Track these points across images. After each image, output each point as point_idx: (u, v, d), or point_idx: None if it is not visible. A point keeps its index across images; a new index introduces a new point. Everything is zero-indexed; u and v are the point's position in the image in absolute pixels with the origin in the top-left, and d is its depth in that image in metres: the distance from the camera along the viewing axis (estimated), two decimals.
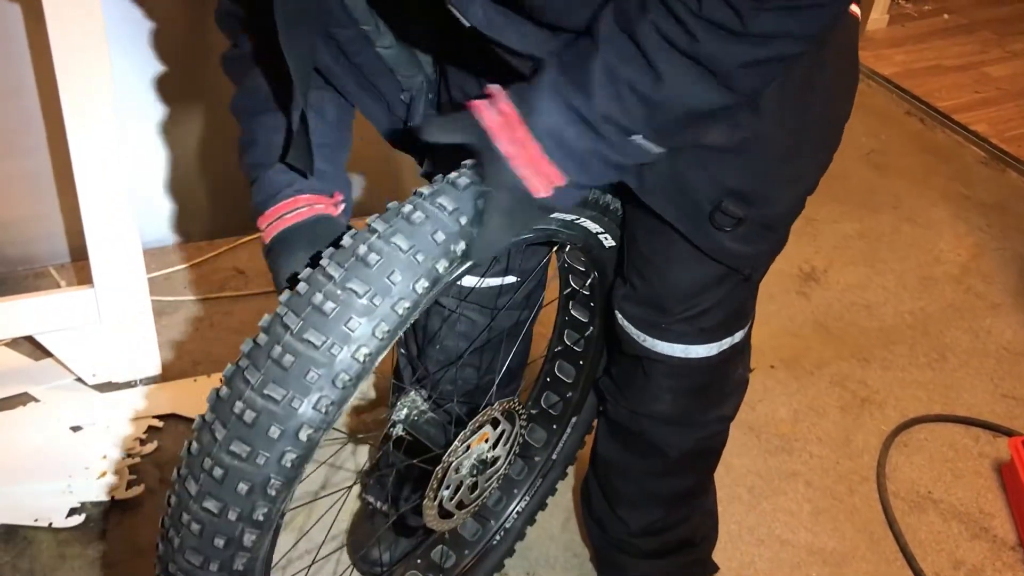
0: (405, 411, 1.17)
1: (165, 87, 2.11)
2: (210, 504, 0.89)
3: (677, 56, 0.86)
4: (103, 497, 1.69)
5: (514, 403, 1.24)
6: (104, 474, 1.72)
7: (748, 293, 1.28)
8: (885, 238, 2.61)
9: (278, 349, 0.88)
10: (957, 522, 1.81)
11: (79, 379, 1.90)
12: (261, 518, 0.90)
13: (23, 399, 1.86)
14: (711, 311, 1.23)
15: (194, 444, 0.91)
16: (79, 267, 2.20)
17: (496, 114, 0.92)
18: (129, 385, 1.92)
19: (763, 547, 1.73)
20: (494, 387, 1.39)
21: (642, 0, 0.87)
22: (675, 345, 1.26)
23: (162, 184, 2.25)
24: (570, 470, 1.63)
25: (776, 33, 0.85)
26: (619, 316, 1.29)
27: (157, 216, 2.28)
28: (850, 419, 2.02)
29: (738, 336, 1.29)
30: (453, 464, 1.17)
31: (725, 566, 1.67)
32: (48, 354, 1.89)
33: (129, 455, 1.77)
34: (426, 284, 0.91)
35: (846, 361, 2.18)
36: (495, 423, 1.23)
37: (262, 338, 0.91)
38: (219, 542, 0.91)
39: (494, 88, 0.93)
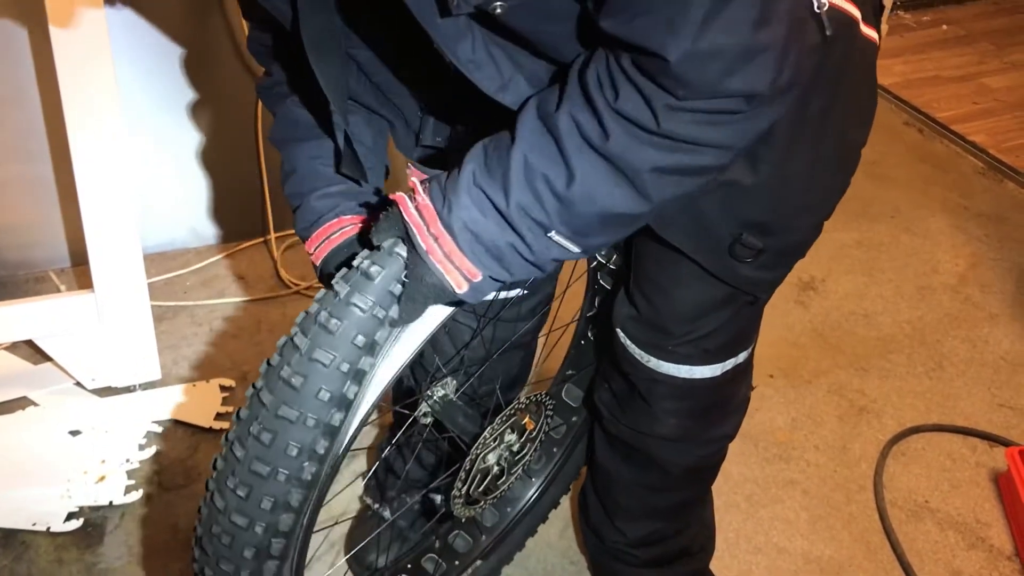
0: (441, 392, 1.22)
1: (167, 93, 2.12)
2: (258, 467, 0.94)
3: (590, 152, 0.85)
4: (102, 502, 1.69)
5: (543, 398, 1.27)
6: (103, 479, 1.72)
7: (753, 315, 1.28)
8: (883, 248, 2.61)
9: (324, 314, 0.94)
10: (954, 531, 1.81)
11: (78, 383, 1.91)
12: (309, 477, 0.95)
13: (22, 403, 1.87)
14: (715, 333, 1.23)
15: (243, 411, 0.97)
16: (79, 271, 2.21)
17: (414, 209, 0.92)
18: (128, 390, 1.92)
19: (760, 555, 1.73)
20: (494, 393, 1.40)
21: (561, 92, 0.87)
22: (680, 366, 1.26)
23: (163, 189, 2.25)
24: None
25: (691, 139, 0.83)
26: (621, 335, 1.28)
27: (158, 221, 2.28)
28: (848, 428, 2.02)
29: (742, 357, 1.29)
30: (482, 454, 1.21)
31: (723, 574, 1.67)
32: (48, 358, 1.89)
33: (128, 460, 1.77)
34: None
35: (844, 370, 2.18)
36: (523, 414, 1.25)
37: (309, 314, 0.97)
38: (266, 504, 0.95)
39: (416, 181, 0.94)
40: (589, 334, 1.52)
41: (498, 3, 0.81)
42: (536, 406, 1.27)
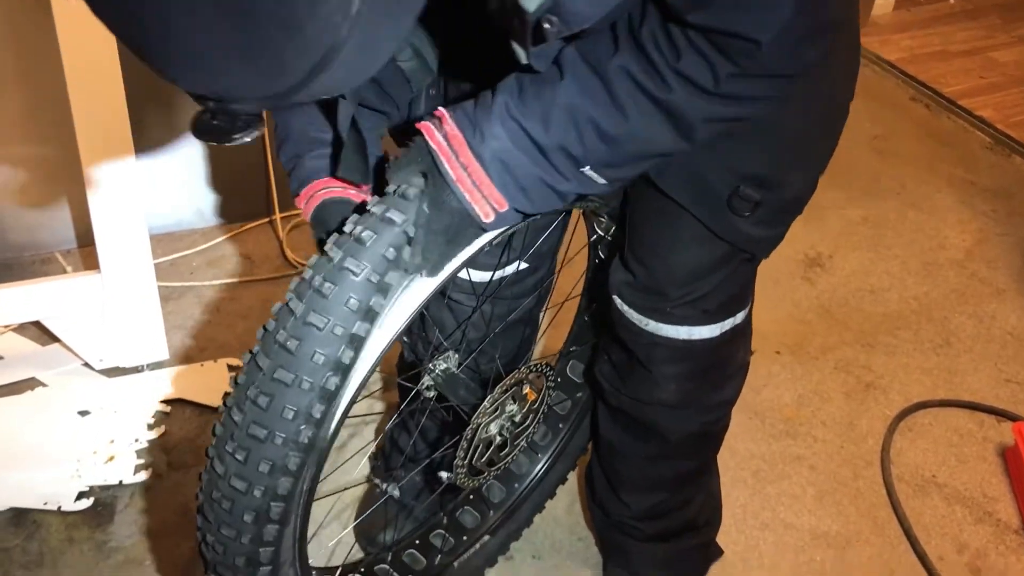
0: (443, 365, 1.23)
1: None
2: (256, 431, 0.94)
3: (645, 101, 0.89)
4: (111, 481, 1.70)
5: (543, 368, 1.28)
6: (112, 458, 1.73)
7: (750, 274, 1.29)
8: (890, 224, 2.60)
9: (318, 279, 0.95)
10: (961, 506, 1.82)
11: (86, 364, 1.91)
12: (306, 440, 0.95)
13: (31, 384, 1.87)
14: (713, 293, 1.23)
15: (240, 376, 0.97)
16: (86, 253, 2.21)
17: (442, 137, 0.94)
18: (136, 370, 1.93)
19: (767, 531, 1.74)
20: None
21: (613, 42, 0.90)
22: (679, 328, 1.26)
23: (168, 171, 2.25)
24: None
25: (745, 95, 0.90)
26: (618, 301, 1.29)
27: (163, 202, 2.28)
28: (855, 404, 2.02)
29: (740, 317, 1.30)
30: (483, 423, 1.23)
31: (729, 550, 1.68)
32: (56, 339, 1.90)
33: (137, 440, 1.78)
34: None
35: (851, 346, 2.18)
36: (522, 384, 1.26)
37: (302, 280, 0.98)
38: (264, 467, 0.96)
39: (442, 110, 0.95)
40: (591, 309, 1.52)
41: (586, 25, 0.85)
42: (537, 376, 1.27)
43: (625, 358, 1.35)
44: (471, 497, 1.56)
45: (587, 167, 0.94)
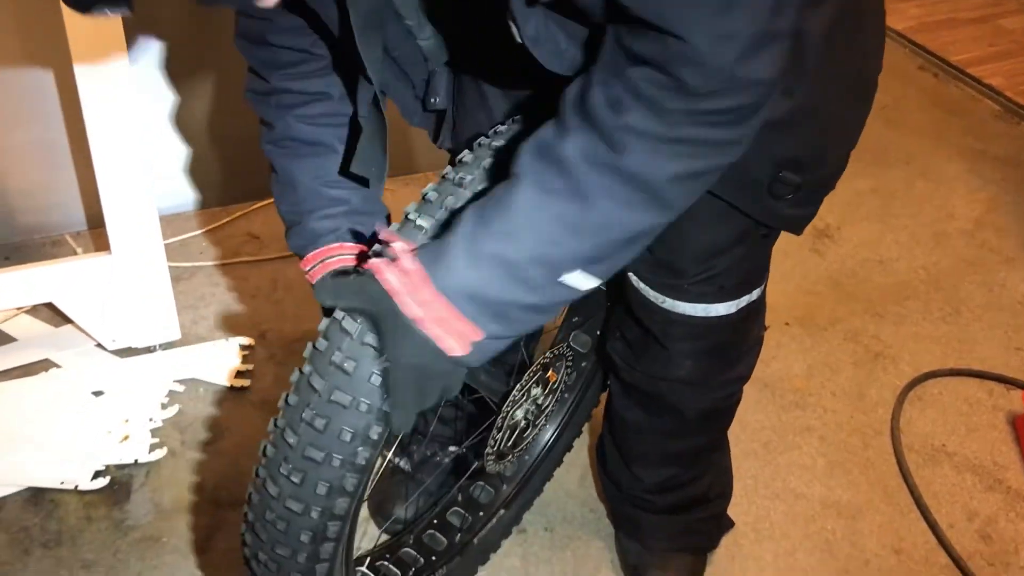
0: None
1: (175, 53, 2.11)
2: (313, 453, 0.95)
3: (604, 175, 0.82)
4: (127, 460, 1.72)
5: (564, 349, 1.29)
6: (127, 438, 1.75)
7: (766, 251, 1.28)
8: (898, 194, 2.60)
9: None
10: (971, 474, 1.82)
11: (99, 345, 1.93)
12: (363, 462, 0.96)
13: (45, 365, 1.89)
14: (730, 271, 1.23)
15: (292, 397, 0.97)
16: (96, 234, 2.22)
17: (398, 274, 0.87)
18: (149, 350, 1.94)
19: (778, 501, 1.75)
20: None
21: (564, 128, 0.84)
22: (696, 305, 1.26)
23: (174, 152, 2.26)
24: (585, 427, 1.65)
25: (705, 140, 0.82)
26: (633, 279, 1.28)
27: (170, 184, 2.28)
28: (864, 374, 2.03)
29: (756, 293, 1.30)
30: (511, 411, 1.22)
31: (740, 520, 1.69)
32: (68, 320, 1.91)
33: (151, 419, 1.79)
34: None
35: (860, 317, 2.18)
36: (547, 368, 1.26)
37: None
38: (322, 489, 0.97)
39: (397, 246, 0.89)
40: None
41: None
42: (559, 359, 1.28)
43: (640, 335, 1.35)
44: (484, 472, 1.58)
45: (567, 272, 0.86)
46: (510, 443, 1.27)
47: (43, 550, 1.58)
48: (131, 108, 1.70)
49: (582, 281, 0.88)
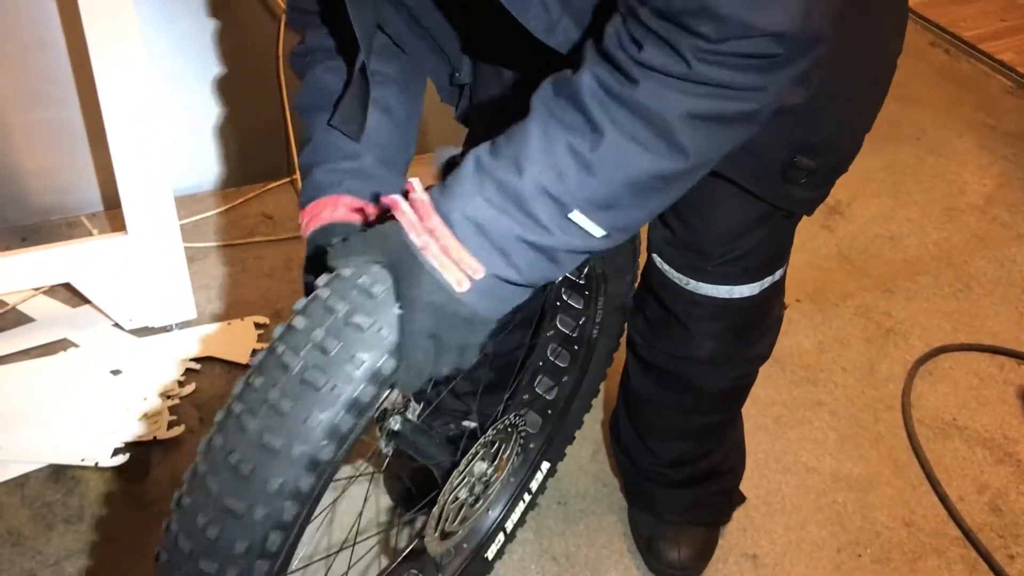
0: (398, 426, 1.12)
1: (188, 34, 2.12)
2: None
3: (617, 108, 0.79)
4: (146, 437, 1.74)
5: (515, 419, 1.24)
6: (145, 415, 1.77)
7: (789, 231, 1.29)
8: (909, 170, 2.60)
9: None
10: (982, 448, 1.83)
11: (117, 325, 1.95)
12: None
13: (63, 345, 1.91)
14: (755, 251, 1.23)
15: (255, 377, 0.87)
16: (112, 215, 2.24)
17: (408, 206, 0.85)
18: (165, 329, 1.96)
19: (789, 474, 1.76)
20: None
21: (578, 65, 0.82)
22: (719, 287, 1.27)
23: (187, 132, 2.27)
24: (595, 402, 1.66)
25: (724, 83, 0.78)
26: (657, 259, 1.29)
27: (183, 165, 2.30)
28: (875, 349, 2.04)
29: (778, 273, 1.31)
30: (458, 486, 1.17)
31: (752, 493, 1.71)
32: (86, 301, 1.94)
33: (168, 397, 1.81)
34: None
35: (870, 292, 2.19)
36: (494, 444, 1.23)
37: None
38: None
39: (411, 181, 0.86)
40: (549, 355, 1.47)
41: None
42: (507, 437, 1.24)
43: (662, 314, 1.36)
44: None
45: (575, 210, 0.82)
46: (454, 522, 1.20)
47: (65, 525, 1.60)
48: (146, 89, 1.72)
49: (591, 226, 0.84)
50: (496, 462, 1.24)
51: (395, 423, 1.12)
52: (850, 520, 1.69)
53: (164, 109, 2.18)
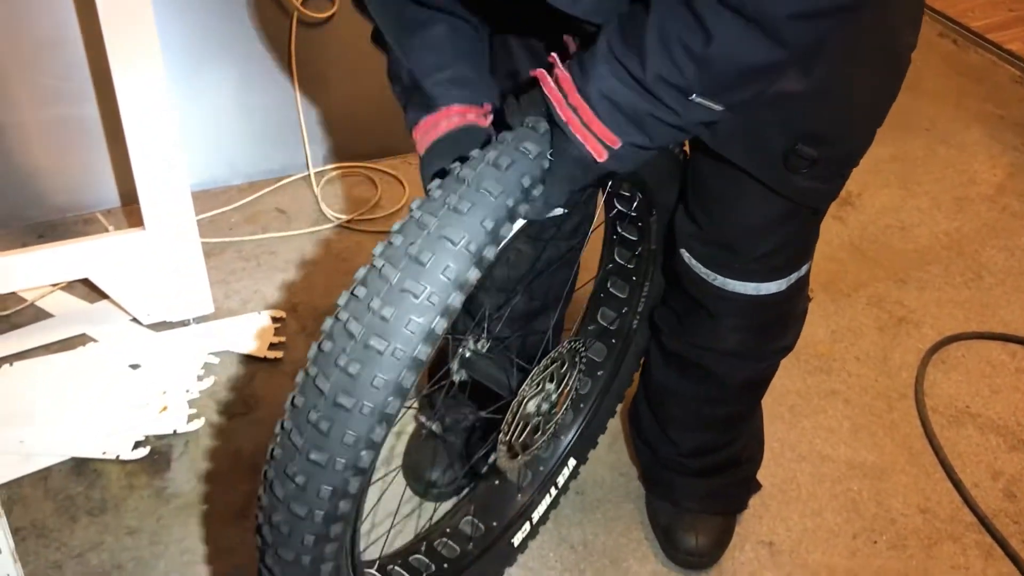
0: (468, 353, 1.22)
1: (201, 30, 2.14)
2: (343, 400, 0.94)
3: (725, 11, 0.85)
4: (166, 431, 1.76)
5: (576, 342, 1.28)
6: (165, 409, 1.79)
7: (815, 227, 1.30)
8: (919, 160, 2.60)
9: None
10: (995, 435, 1.84)
11: (135, 320, 1.96)
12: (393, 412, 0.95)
13: (82, 340, 1.93)
14: (781, 249, 1.24)
15: (325, 343, 0.96)
16: (128, 212, 2.25)
17: (553, 82, 0.96)
18: (183, 324, 1.97)
19: (804, 463, 1.78)
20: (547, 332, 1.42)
21: None
22: (747, 283, 1.28)
23: (201, 127, 2.28)
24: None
25: None
26: (686, 255, 1.30)
27: (198, 160, 2.31)
28: (888, 338, 2.05)
29: (804, 269, 1.32)
30: (525, 402, 1.22)
31: (768, 482, 1.72)
32: (104, 296, 1.95)
33: (188, 390, 1.83)
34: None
35: (882, 282, 2.20)
36: (559, 363, 1.27)
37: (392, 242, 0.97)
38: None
39: (554, 56, 0.97)
40: (609, 287, 1.53)
41: None
42: (572, 363, 1.29)
43: (689, 306, 1.37)
44: (497, 482, 1.55)
45: (695, 95, 0.91)
46: (521, 439, 1.25)
47: (89, 517, 1.62)
48: (163, 85, 1.73)
49: (711, 104, 0.92)
50: (561, 384, 1.30)
51: (466, 351, 1.23)
52: (865, 507, 1.70)
53: (178, 104, 2.19)
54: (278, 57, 2.24)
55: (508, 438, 1.24)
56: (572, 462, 1.62)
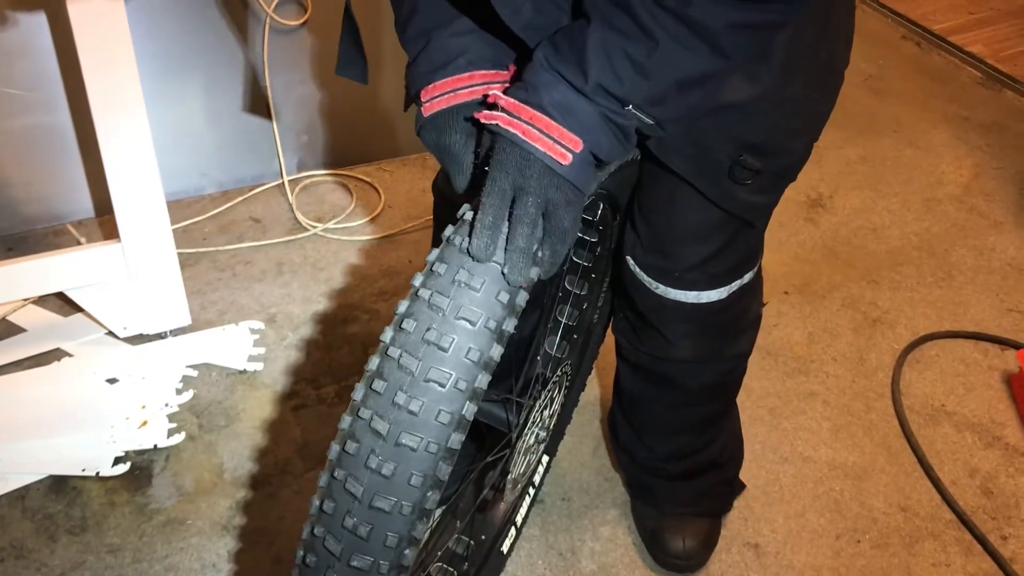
0: None
1: (174, 38, 2.11)
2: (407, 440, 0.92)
3: (669, 19, 0.88)
4: (146, 445, 1.73)
5: (566, 366, 1.31)
6: (144, 423, 1.76)
7: (754, 239, 1.32)
8: (888, 162, 2.64)
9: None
10: (971, 432, 1.88)
11: (110, 333, 1.93)
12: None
13: (57, 355, 1.89)
14: (720, 257, 1.27)
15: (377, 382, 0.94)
16: (101, 222, 2.22)
17: (500, 110, 0.94)
18: (160, 336, 1.95)
19: (787, 464, 1.79)
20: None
21: None
22: (687, 292, 1.30)
23: (172, 137, 2.26)
24: (592, 400, 1.68)
25: None
26: (631, 263, 1.32)
27: (169, 169, 2.28)
28: (863, 339, 2.08)
29: (747, 277, 1.34)
30: (528, 435, 1.25)
31: (751, 484, 1.73)
32: (78, 309, 1.92)
33: (167, 404, 1.81)
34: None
35: (856, 284, 2.23)
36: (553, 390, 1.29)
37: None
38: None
39: (493, 92, 0.95)
40: (567, 285, 1.54)
41: None
42: (561, 379, 1.31)
43: (640, 316, 1.39)
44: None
45: (629, 106, 0.92)
46: (523, 470, 1.28)
47: (69, 536, 1.59)
48: (137, 94, 1.70)
49: (644, 117, 0.94)
50: (552, 405, 1.32)
51: None
52: (848, 507, 1.72)
53: (149, 113, 2.16)
54: (251, 64, 2.22)
55: (514, 474, 1.25)
56: (545, 459, 1.63)
